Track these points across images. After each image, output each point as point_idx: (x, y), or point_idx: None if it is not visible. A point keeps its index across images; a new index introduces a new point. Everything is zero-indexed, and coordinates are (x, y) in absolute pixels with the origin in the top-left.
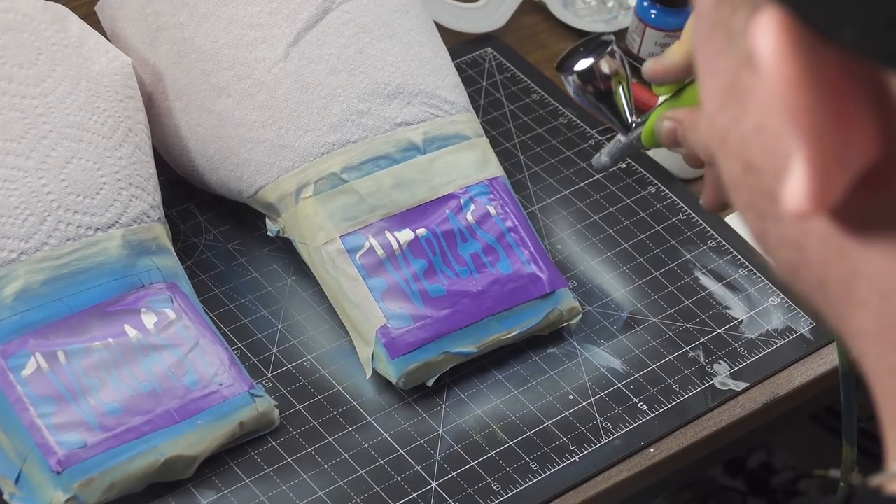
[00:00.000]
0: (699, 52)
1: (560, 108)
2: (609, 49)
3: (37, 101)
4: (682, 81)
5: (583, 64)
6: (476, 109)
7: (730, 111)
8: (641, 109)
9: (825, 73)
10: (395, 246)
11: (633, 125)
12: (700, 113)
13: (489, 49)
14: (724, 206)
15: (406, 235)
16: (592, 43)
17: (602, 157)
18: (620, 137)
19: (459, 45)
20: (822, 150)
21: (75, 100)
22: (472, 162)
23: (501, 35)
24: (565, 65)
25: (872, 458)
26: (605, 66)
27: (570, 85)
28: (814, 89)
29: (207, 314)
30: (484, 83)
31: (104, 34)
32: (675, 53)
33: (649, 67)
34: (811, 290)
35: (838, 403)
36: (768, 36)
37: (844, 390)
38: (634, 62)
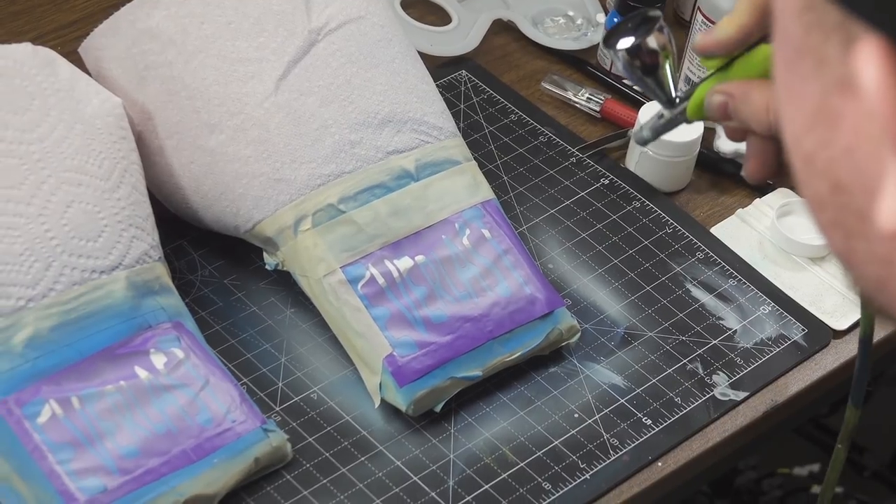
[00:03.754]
0: (782, 76)
1: (539, 126)
2: (658, 24)
3: (34, 147)
4: (732, 55)
5: (630, 40)
6: None
7: (818, 133)
8: (620, 125)
9: None
10: (396, 274)
11: (678, 100)
12: (751, 85)
13: (463, 71)
14: (766, 178)
15: (405, 263)
16: (638, 17)
17: (644, 132)
18: (664, 111)
19: (434, 68)
20: None
21: (71, 143)
22: (464, 186)
23: (474, 57)
24: (612, 40)
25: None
26: (653, 41)
27: (618, 60)
28: None
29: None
30: (462, 106)
31: (88, 75)
32: (726, 27)
33: (701, 41)
34: None
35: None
36: (872, 64)
37: (861, 351)
38: (607, 78)
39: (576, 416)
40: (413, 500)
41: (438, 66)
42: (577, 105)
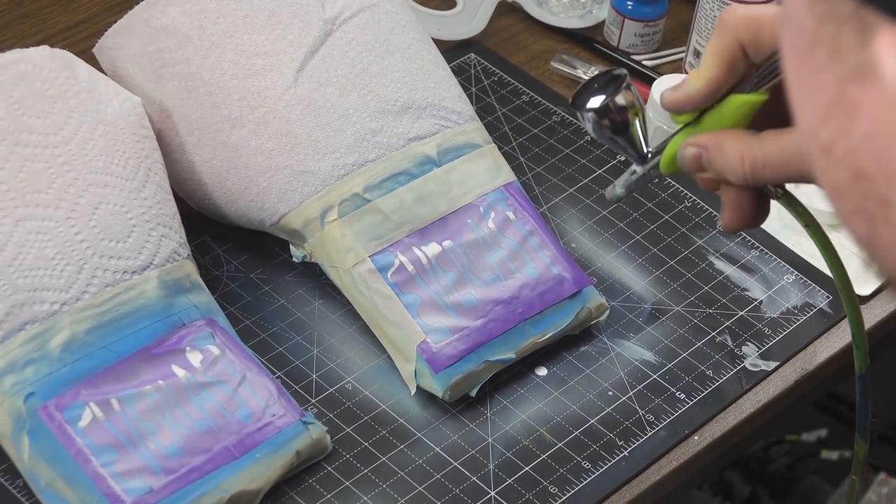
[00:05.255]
0: (794, 68)
1: (551, 106)
2: (624, 83)
3: (58, 150)
4: (702, 108)
5: (599, 100)
6: None
7: (835, 123)
8: None
9: None
10: (424, 260)
11: (650, 155)
12: (725, 135)
13: (472, 55)
14: (744, 227)
15: (433, 249)
16: (605, 77)
17: (616, 189)
18: (636, 168)
19: (443, 53)
20: None
21: (95, 145)
22: (486, 170)
23: (482, 39)
24: (580, 101)
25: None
26: (622, 100)
27: (587, 121)
28: None
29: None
30: (473, 89)
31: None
32: (694, 82)
33: (669, 98)
34: None
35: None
36: (890, 51)
37: (860, 388)
38: (615, 54)
39: (610, 393)
40: (455, 486)
41: (447, 51)
42: None
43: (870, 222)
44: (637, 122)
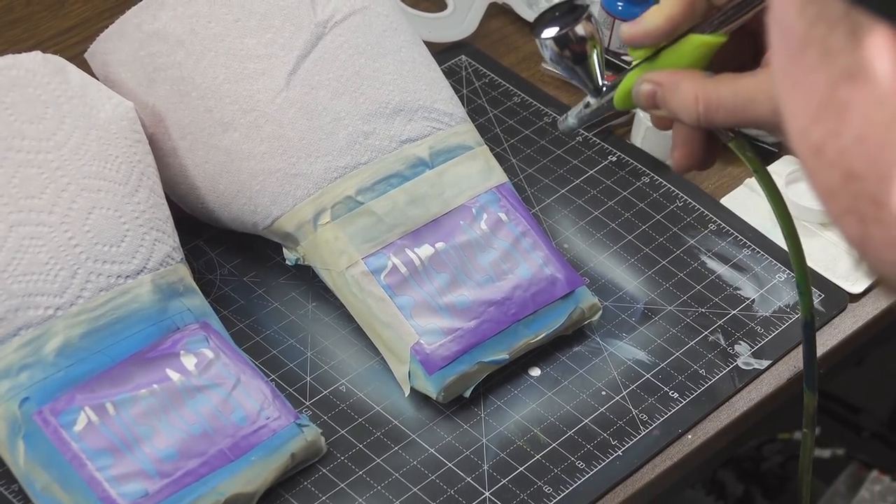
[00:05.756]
0: (784, 69)
1: (542, 108)
2: (586, 13)
3: (51, 155)
4: (660, 45)
5: (560, 28)
6: None
7: (826, 124)
8: None
9: None
10: (417, 262)
11: (605, 88)
12: (680, 74)
13: (463, 57)
14: (693, 168)
15: (426, 251)
16: (565, 6)
17: (569, 119)
18: (590, 100)
19: (434, 55)
20: None
21: (88, 149)
22: (478, 171)
23: (473, 41)
24: (539, 29)
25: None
26: (581, 30)
27: (545, 49)
28: None
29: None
30: (464, 91)
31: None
32: (654, 17)
33: (628, 31)
34: None
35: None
36: (881, 52)
37: (805, 336)
38: (606, 56)
39: (603, 393)
40: (450, 486)
41: (437, 53)
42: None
43: (862, 222)
44: (595, 54)
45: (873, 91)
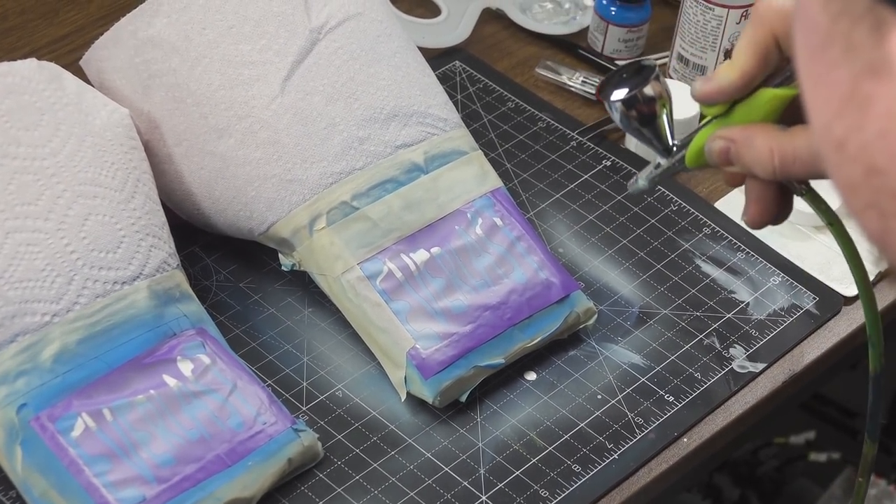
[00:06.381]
0: (808, 65)
1: (537, 112)
2: (654, 74)
3: (47, 162)
4: (733, 100)
5: (628, 90)
6: None
7: (849, 118)
8: None
9: None
10: (413, 267)
11: (675, 147)
12: (754, 129)
13: (457, 62)
14: (768, 223)
15: (421, 256)
16: (633, 67)
17: (640, 182)
18: (660, 161)
19: (427, 61)
20: None
21: (83, 156)
22: (472, 176)
23: (466, 47)
24: (607, 90)
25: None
26: (650, 91)
27: (614, 111)
28: None
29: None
30: (459, 96)
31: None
32: (728, 73)
33: (700, 88)
34: None
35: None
36: None
37: (874, 389)
38: (599, 60)
39: (599, 397)
40: (446, 490)
41: (431, 59)
42: (573, 89)
43: (883, 217)
44: (664, 114)
45: None
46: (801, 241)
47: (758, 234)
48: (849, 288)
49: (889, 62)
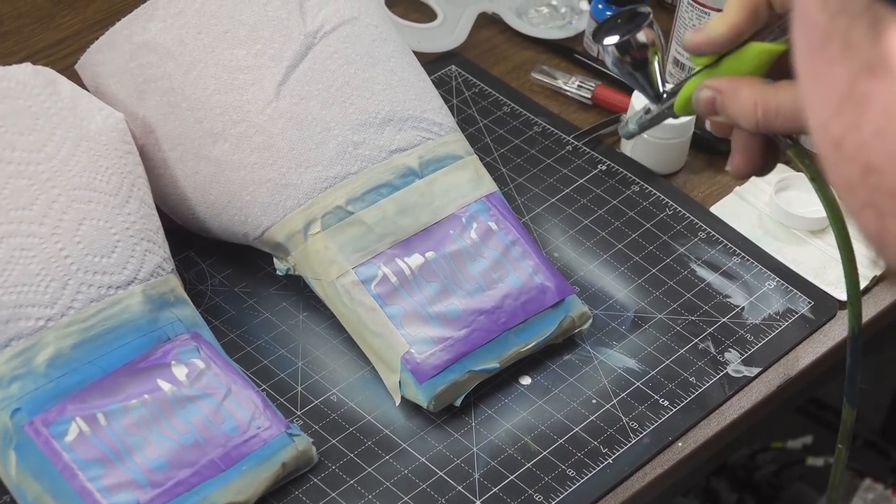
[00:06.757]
0: (805, 63)
1: (532, 117)
2: (647, 21)
3: (42, 167)
4: (721, 52)
5: (622, 34)
6: None
7: (846, 117)
8: (612, 111)
9: None
10: (408, 272)
11: (665, 95)
12: (741, 81)
13: (453, 67)
14: (752, 174)
15: (416, 260)
16: (627, 13)
17: (630, 125)
18: (651, 106)
19: (423, 65)
20: None
21: (78, 161)
22: (467, 180)
23: (462, 51)
24: (601, 35)
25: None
26: (643, 37)
27: (607, 55)
28: None
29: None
30: (454, 101)
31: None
32: (717, 25)
33: (691, 38)
34: None
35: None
36: None
37: (851, 352)
38: (595, 64)
39: (593, 401)
40: (441, 495)
41: (427, 63)
42: (568, 93)
43: (880, 216)
44: (656, 61)
45: (894, 85)
46: (797, 245)
47: (753, 238)
48: (844, 292)
49: (886, 60)
